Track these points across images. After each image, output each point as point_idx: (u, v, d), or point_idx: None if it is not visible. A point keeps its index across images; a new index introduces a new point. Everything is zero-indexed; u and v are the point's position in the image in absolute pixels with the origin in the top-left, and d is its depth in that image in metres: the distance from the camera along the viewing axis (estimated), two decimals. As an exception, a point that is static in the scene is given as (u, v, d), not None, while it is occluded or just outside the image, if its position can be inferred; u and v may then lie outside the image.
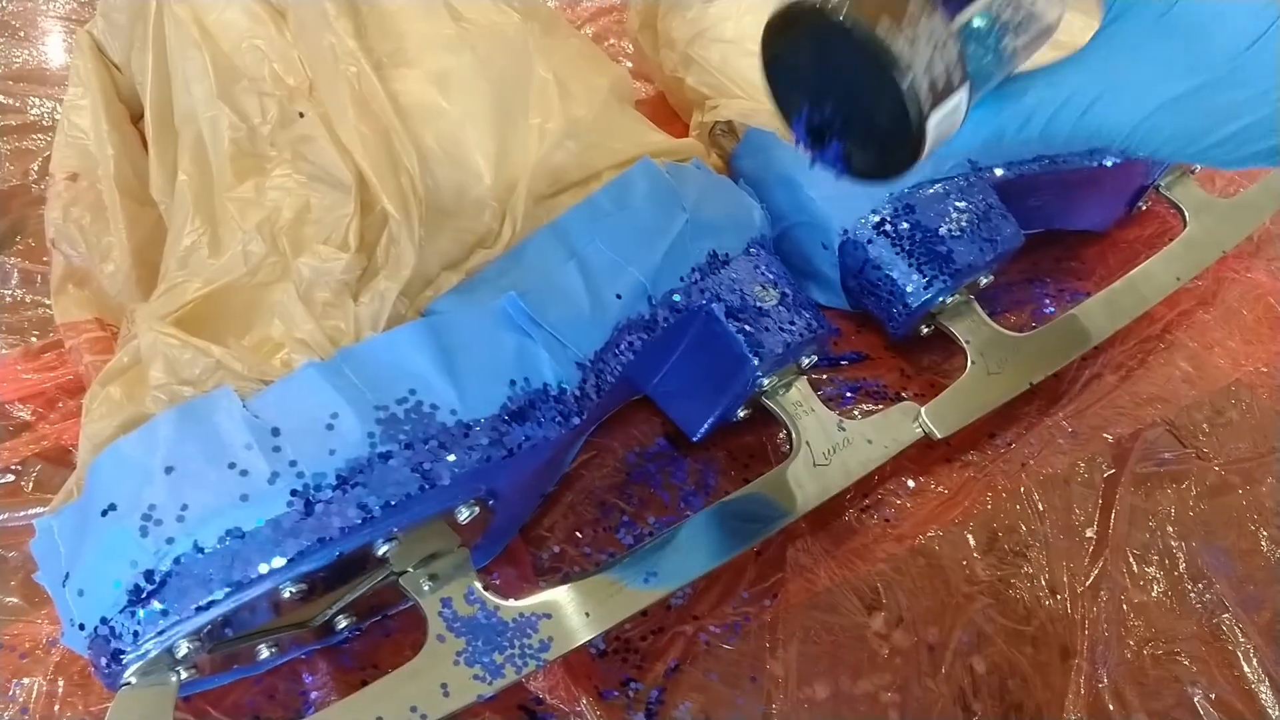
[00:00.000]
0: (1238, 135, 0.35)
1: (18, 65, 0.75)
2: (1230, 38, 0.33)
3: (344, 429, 0.45)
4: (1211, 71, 0.34)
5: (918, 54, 0.33)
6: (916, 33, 0.33)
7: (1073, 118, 0.36)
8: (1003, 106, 0.37)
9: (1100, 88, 0.35)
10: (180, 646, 0.43)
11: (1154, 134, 0.36)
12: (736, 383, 0.58)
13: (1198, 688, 0.56)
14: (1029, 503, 0.62)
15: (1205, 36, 0.33)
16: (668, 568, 0.52)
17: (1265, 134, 0.35)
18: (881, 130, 0.36)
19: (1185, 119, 0.35)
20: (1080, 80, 0.36)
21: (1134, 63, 0.35)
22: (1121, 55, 0.35)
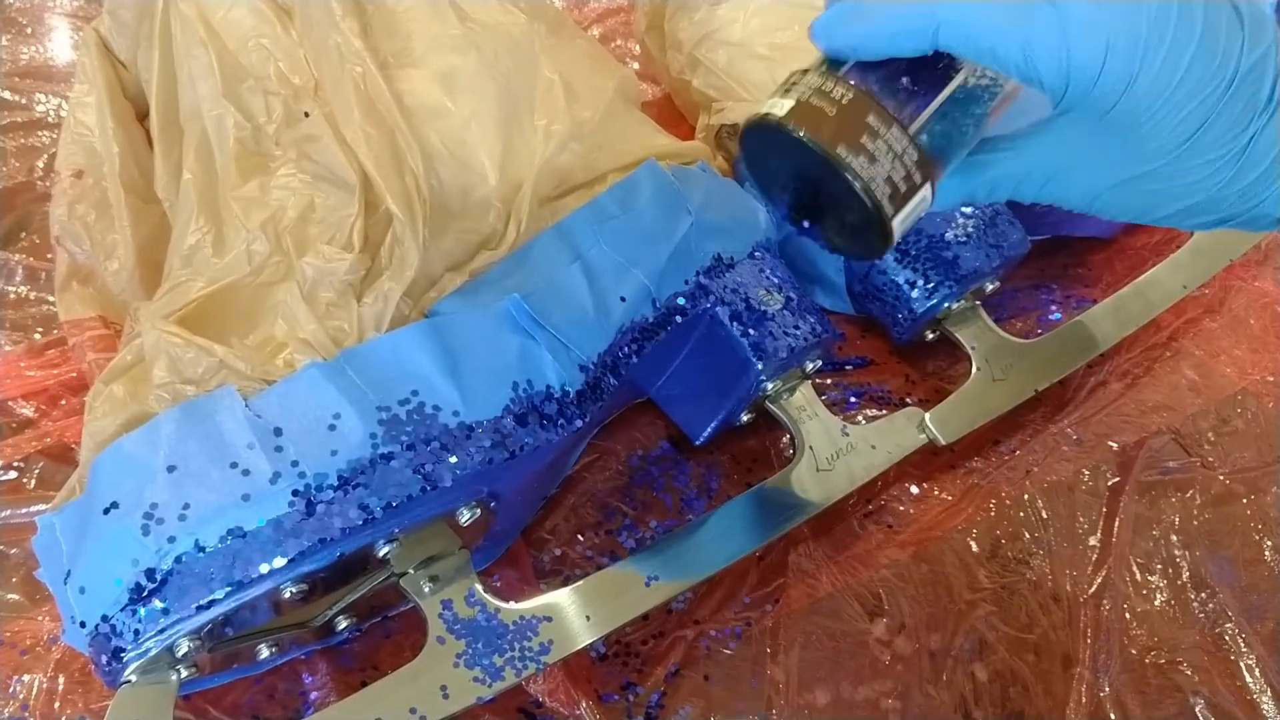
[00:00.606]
0: (1184, 211, 0.38)
1: (24, 62, 0.75)
2: (1167, 137, 0.36)
3: (346, 429, 0.45)
4: (1151, 164, 0.37)
5: (878, 167, 0.36)
6: (875, 148, 0.36)
7: (1034, 189, 0.40)
8: (971, 177, 0.40)
9: (1054, 167, 0.39)
10: (181, 645, 0.43)
11: (1109, 207, 0.39)
12: (740, 387, 0.58)
13: (1200, 697, 0.55)
14: (1033, 510, 0.62)
15: (1141, 138, 0.36)
16: (669, 572, 0.52)
17: (1209, 210, 0.38)
18: (852, 224, 0.38)
19: (1134, 198, 0.39)
20: (1038, 157, 0.39)
21: (1082, 151, 0.38)
22: (1071, 144, 0.38)
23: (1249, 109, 0.36)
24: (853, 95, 0.36)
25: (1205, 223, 0.39)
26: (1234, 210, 0.38)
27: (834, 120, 0.36)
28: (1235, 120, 0.36)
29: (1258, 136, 0.36)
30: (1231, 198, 0.38)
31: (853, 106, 0.36)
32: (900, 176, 0.36)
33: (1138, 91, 0.35)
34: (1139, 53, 0.35)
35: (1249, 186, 0.38)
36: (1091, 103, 0.36)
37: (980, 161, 0.40)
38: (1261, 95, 0.36)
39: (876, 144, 0.36)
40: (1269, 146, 0.37)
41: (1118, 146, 0.37)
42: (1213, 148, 0.37)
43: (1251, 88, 0.36)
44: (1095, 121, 0.37)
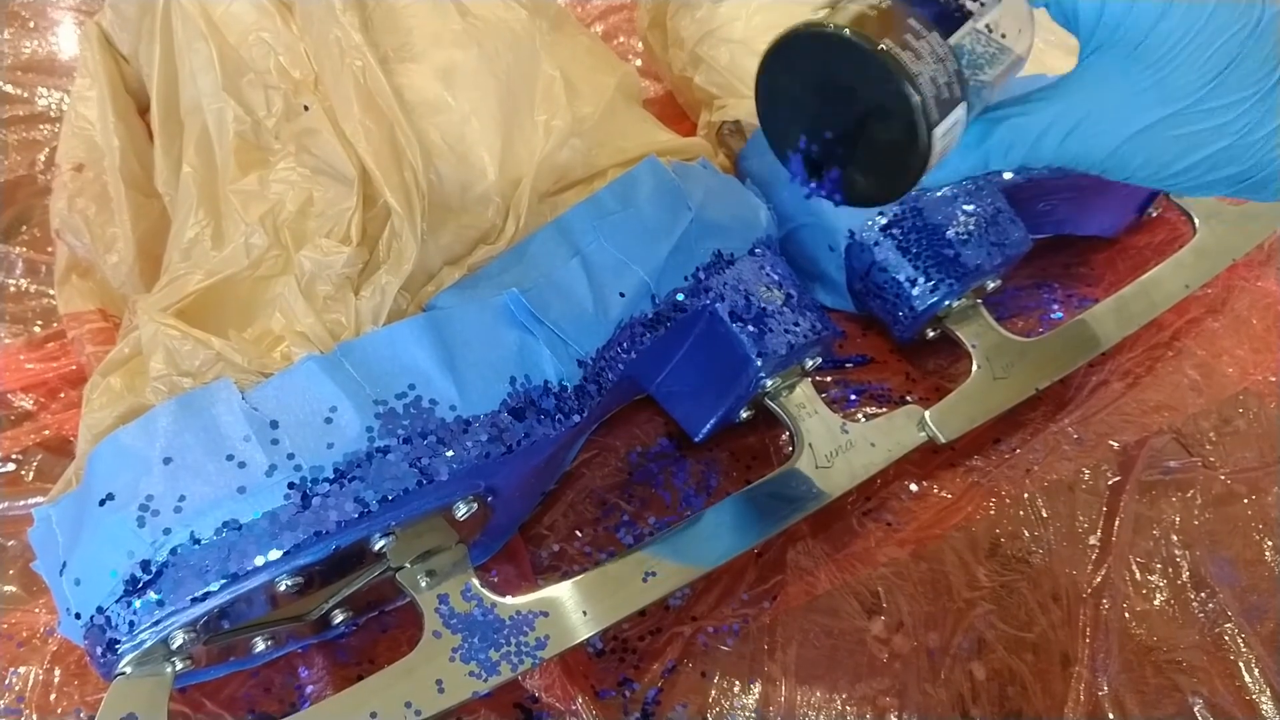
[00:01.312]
0: (1203, 162, 0.38)
1: (26, 56, 0.75)
2: (1196, 72, 0.36)
3: (342, 423, 0.45)
4: (1178, 103, 0.37)
5: (923, 67, 0.35)
6: (919, 48, 0.35)
7: (1053, 145, 0.40)
8: (987, 134, 0.40)
9: (1078, 117, 0.39)
10: (176, 637, 0.43)
11: (1128, 161, 0.39)
12: (739, 383, 0.57)
13: (1199, 697, 0.55)
14: (1032, 509, 0.62)
15: (1173, 70, 0.37)
16: (667, 568, 0.52)
17: (1228, 162, 0.38)
18: (884, 150, 0.37)
19: (1155, 147, 0.39)
20: (1059, 110, 0.39)
21: (1108, 93, 0.38)
22: (1098, 86, 0.38)
23: (1273, 54, 0.36)
24: (891, 4, 0.36)
25: (1222, 178, 0.39)
26: (1253, 162, 0.38)
27: (876, 20, 0.36)
28: (1263, 60, 0.36)
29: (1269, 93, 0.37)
30: (1253, 146, 0.38)
31: (893, 11, 0.36)
32: (943, 82, 0.36)
33: (1169, 24, 0.36)
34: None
35: (1272, 133, 0.37)
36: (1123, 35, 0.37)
37: (995, 118, 0.40)
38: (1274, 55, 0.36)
39: (920, 44, 0.35)
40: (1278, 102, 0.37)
41: (1146, 83, 0.37)
42: (1240, 88, 0.37)
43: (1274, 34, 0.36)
44: (1125, 58, 0.37)
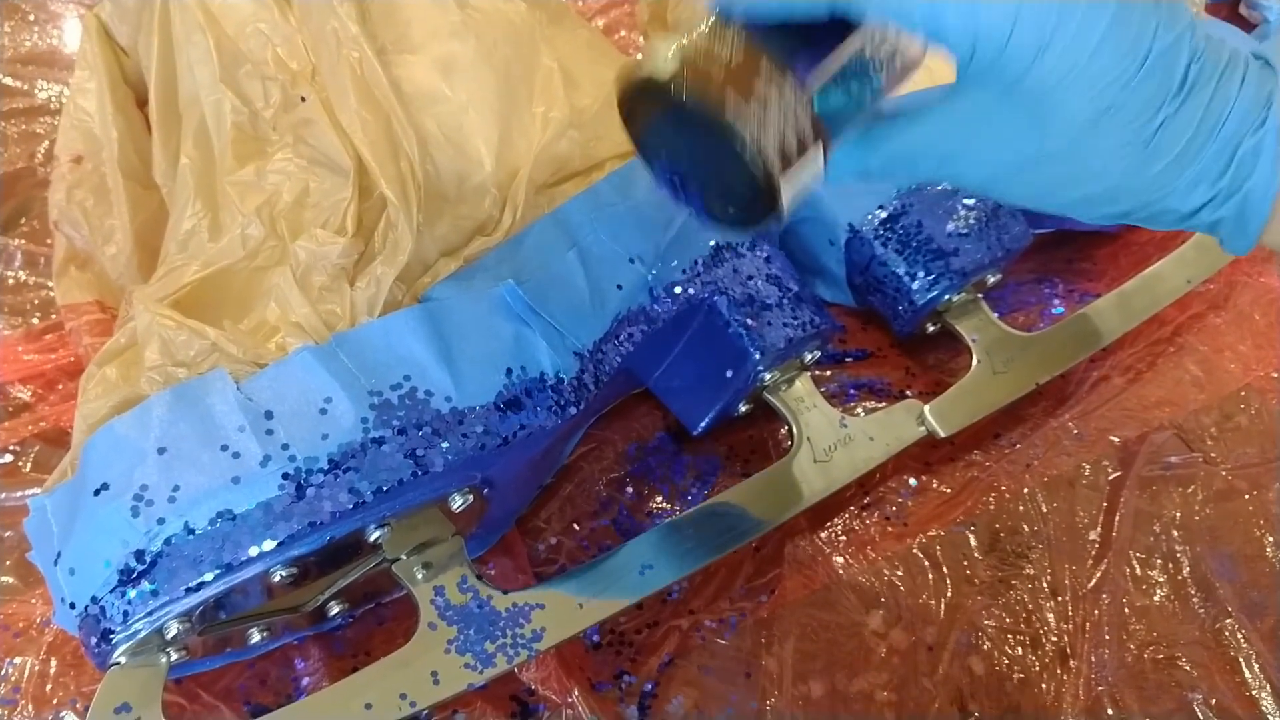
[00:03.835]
0: (1085, 199, 0.37)
1: (26, 48, 0.75)
2: (1074, 114, 0.35)
3: (337, 413, 0.45)
4: (1056, 143, 0.35)
5: (768, 124, 0.34)
6: (765, 108, 0.34)
7: (931, 167, 0.38)
8: (866, 150, 0.38)
9: (952, 145, 0.37)
10: (170, 627, 0.43)
11: (1007, 191, 0.38)
12: (738, 377, 0.57)
13: (1198, 693, 0.55)
14: (1032, 504, 0.62)
15: (1048, 114, 0.35)
16: (664, 561, 0.52)
17: (1109, 201, 0.37)
18: (737, 193, 0.36)
19: (1034, 180, 0.37)
20: (938, 134, 0.37)
21: (983, 125, 0.36)
22: (973, 117, 0.36)
23: (1160, 93, 0.35)
24: (742, 55, 0.34)
25: (1106, 214, 0.38)
26: (1137, 203, 0.37)
27: (720, 79, 0.34)
28: (1146, 104, 0.35)
29: (1167, 123, 0.35)
30: (1135, 188, 0.36)
31: (742, 66, 0.34)
32: (792, 140, 0.34)
33: (1047, 64, 0.34)
34: (1050, 21, 0.33)
35: (1155, 177, 0.36)
36: (998, 72, 0.35)
37: (877, 134, 0.38)
38: (1174, 80, 0.35)
39: (767, 104, 0.34)
40: (1178, 135, 0.35)
41: (1023, 122, 0.36)
42: (1120, 131, 0.35)
43: (1164, 71, 0.34)
44: (1001, 94, 0.35)
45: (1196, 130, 0.35)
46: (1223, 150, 0.35)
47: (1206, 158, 0.35)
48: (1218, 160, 0.35)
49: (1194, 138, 0.35)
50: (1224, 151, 0.35)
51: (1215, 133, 0.35)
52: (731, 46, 0.35)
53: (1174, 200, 0.36)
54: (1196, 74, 0.35)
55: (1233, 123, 0.35)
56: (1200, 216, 0.37)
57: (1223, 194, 0.36)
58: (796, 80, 0.34)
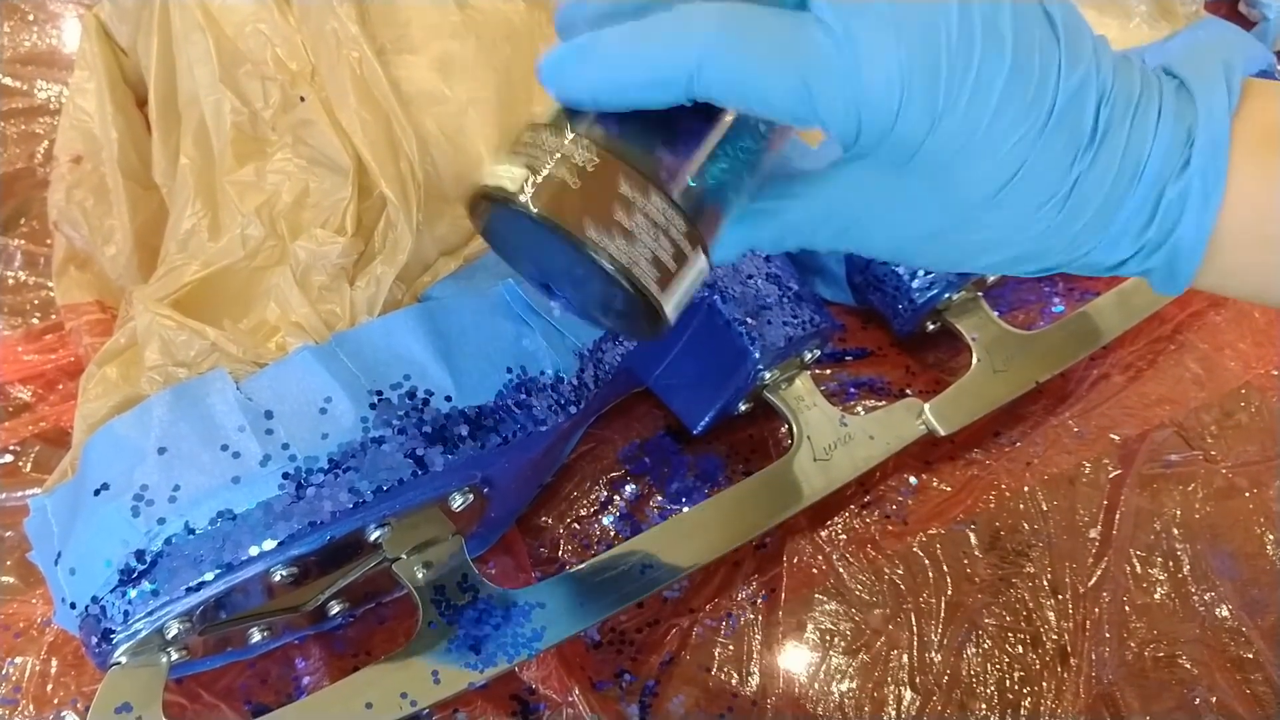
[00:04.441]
0: (1005, 262, 0.34)
1: (26, 48, 0.75)
2: (975, 187, 0.31)
3: (337, 413, 0.45)
4: (960, 214, 0.32)
5: (639, 246, 0.30)
6: (633, 223, 0.30)
7: (828, 239, 0.35)
8: (755, 227, 0.35)
9: (852, 216, 0.34)
10: (171, 627, 0.43)
11: (917, 258, 0.35)
12: (738, 376, 0.57)
13: (1199, 691, 0.55)
14: (1033, 502, 0.62)
15: (949, 186, 0.32)
16: (664, 560, 0.52)
17: (1030, 260, 0.34)
18: (614, 307, 0.33)
19: (944, 250, 0.34)
20: (831, 205, 0.34)
21: (878, 200, 0.33)
22: (867, 191, 0.33)
23: (1071, 145, 0.31)
24: (599, 159, 0.30)
25: (1031, 270, 0.35)
26: (1061, 259, 0.34)
27: (578, 193, 0.30)
28: (1056, 160, 0.31)
29: (1083, 177, 0.31)
30: (1057, 247, 0.33)
31: (600, 173, 0.30)
32: (667, 252, 0.31)
33: (942, 135, 0.30)
34: (941, 88, 0.29)
35: (1075, 235, 0.33)
36: (889, 149, 0.31)
37: (764, 209, 0.34)
38: (1084, 128, 0.31)
39: (634, 218, 0.30)
40: (1095, 188, 0.31)
41: (922, 196, 0.32)
42: (1032, 194, 0.31)
43: (1073, 120, 0.31)
44: (895, 167, 0.31)
45: (1115, 181, 0.32)
46: (1145, 200, 0.32)
47: (1129, 210, 0.32)
48: (1141, 212, 0.32)
49: (1113, 189, 0.32)
50: (1147, 201, 0.32)
51: (1135, 181, 0.32)
52: (585, 148, 0.30)
53: (1098, 255, 0.33)
54: (1108, 116, 0.31)
55: (1153, 167, 0.31)
56: (1128, 267, 0.34)
57: (1149, 245, 0.33)
58: (663, 188, 0.30)
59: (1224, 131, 0.31)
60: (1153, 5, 0.72)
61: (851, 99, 0.29)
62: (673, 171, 0.31)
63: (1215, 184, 0.31)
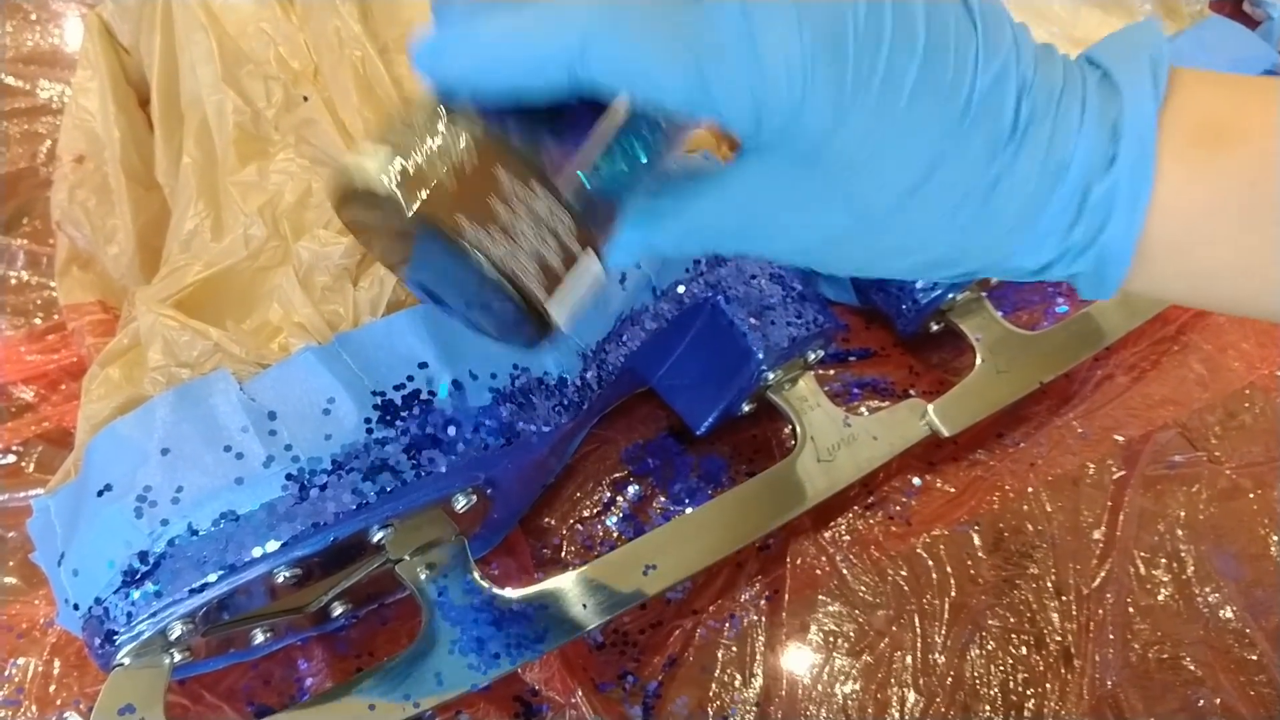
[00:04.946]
0: (921, 265, 0.32)
1: (28, 48, 0.75)
2: (885, 188, 0.29)
3: (340, 414, 0.44)
4: (871, 216, 0.30)
5: (519, 243, 0.28)
6: (512, 220, 0.28)
7: (730, 243, 0.32)
8: (654, 228, 0.32)
9: (756, 217, 0.31)
10: (174, 628, 0.43)
11: (825, 264, 0.33)
12: (741, 376, 0.57)
13: (1203, 692, 0.55)
14: (1036, 503, 0.62)
15: (857, 185, 0.29)
16: (668, 561, 0.52)
17: (951, 264, 0.32)
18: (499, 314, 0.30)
19: (854, 254, 0.32)
20: (731, 208, 0.31)
21: (784, 199, 0.30)
22: (770, 191, 0.30)
23: (990, 141, 0.29)
24: (477, 151, 0.28)
25: (949, 276, 0.33)
26: (982, 263, 0.32)
27: (454, 190, 0.27)
28: (974, 156, 0.29)
29: (1003, 175, 0.29)
30: (976, 251, 0.31)
31: (479, 168, 0.27)
32: (554, 253, 0.28)
33: (849, 128, 0.28)
34: (848, 77, 0.27)
35: (996, 237, 0.30)
36: (792, 144, 0.28)
37: (664, 209, 0.32)
38: (1004, 122, 0.29)
39: (516, 217, 0.28)
40: (1017, 187, 0.29)
41: (830, 195, 0.30)
42: (948, 193, 0.29)
43: (992, 113, 0.29)
44: (799, 164, 0.29)
45: (1038, 179, 0.29)
46: (1070, 199, 0.30)
47: (1053, 210, 0.30)
48: (1065, 212, 0.30)
49: (1036, 188, 0.30)
50: (1072, 201, 0.30)
51: (1060, 179, 0.30)
52: (463, 143, 0.28)
53: (1021, 259, 0.31)
54: (1030, 109, 0.29)
55: (1079, 164, 0.29)
56: (1053, 271, 0.32)
57: (1076, 248, 0.31)
58: (547, 181, 0.28)
59: (1150, 126, 0.29)
60: (1157, 5, 0.72)
61: (750, 88, 0.27)
62: (560, 167, 0.29)
63: (1142, 182, 0.29)
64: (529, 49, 0.27)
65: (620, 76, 0.27)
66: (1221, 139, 0.29)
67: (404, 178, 0.28)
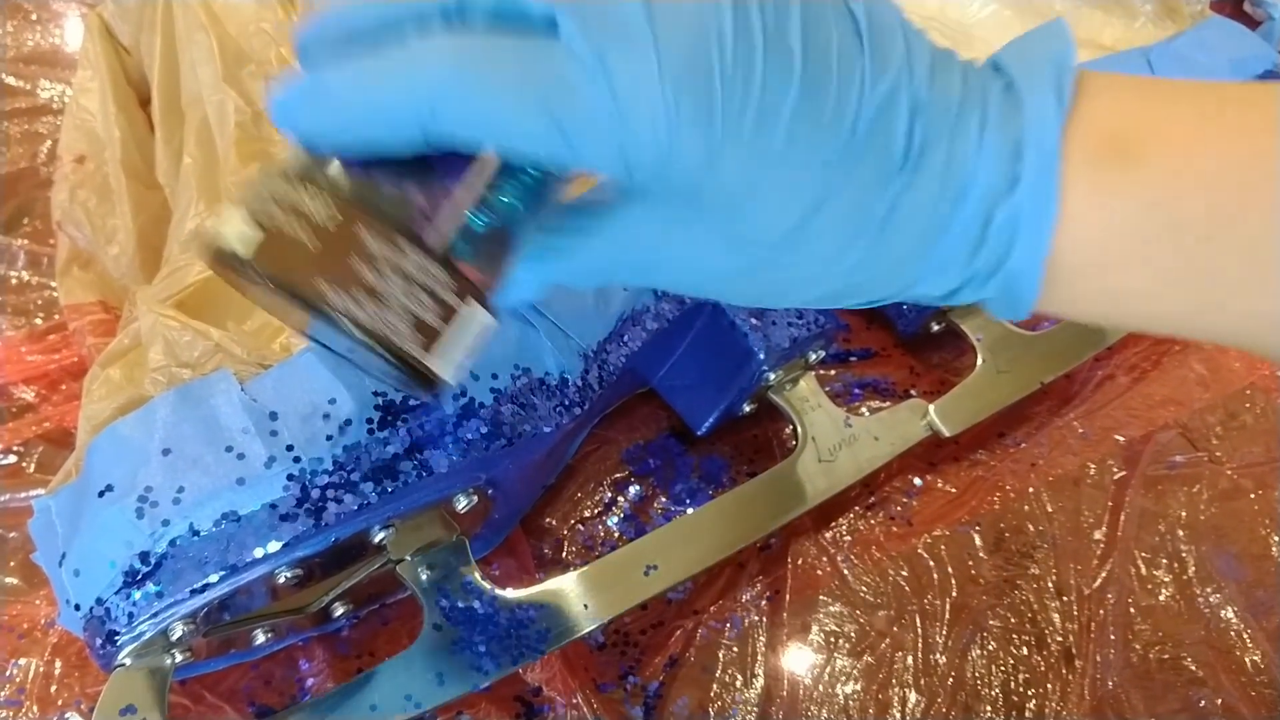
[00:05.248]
0: (818, 299, 0.30)
1: (29, 48, 0.75)
2: (770, 224, 0.27)
3: (342, 415, 0.44)
4: (760, 253, 0.28)
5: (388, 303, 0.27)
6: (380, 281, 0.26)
7: (631, 277, 0.31)
8: (553, 262, 0.30)
9: (648, 255, 0.30)
10: (175, 629, 0.43)
11: (727, 296, 0.31)
12: (742, 377, 0.57)
13: (1203, 692, 0.55)
14: (1037, 503, 0.62)
15: (743, 223, 0.28)
16: (669, 561, 0.52)
17: (844, 297, 0.30)
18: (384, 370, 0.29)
19: (752, 288, 0.30)
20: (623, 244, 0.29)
21: (675, 237, 0.29)
22: (661, 229, 0.29)
23: (881, 170, 0.27)
24: (340, 211, 0.26)
25: (856, 304, 0.31)
26: (886, 293, 0.30)
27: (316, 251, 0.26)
28: (864, 189, 0.27)
29: (897, 203, 0.27)
30: (877, 281, 0.29)
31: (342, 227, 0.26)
32: (430, 310, 0.27)
33: (724, 170, 0.26)
34: (717, 117, 0.25)
35: (895, 266, 0.29)
36: (667, 187, 0.27)
37: (558, 247, 0.30)
38: (895, 148, 0.27)
39: (384, 276, 0.26)
40: (913, 215, 0.28)
41: (713, 236, 0.28)
42: (839, 226, 0.27)
43: (882, 139, 0.27)
44: (678, 208, 0.28)
45: (936, 205, 0.28)
46: (972, 224, 0.28)
47: (953, 237, 0.28)
48: (967, 238, 0.28)
49: (934, 215, 0.28)
50: (973, 225, 0.28)
51: (959, 204, 0.28)
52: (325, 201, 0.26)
53: (925, 287, 0.30)
54: (924, 131, 0.27)
55: (979, 188, 0.28)
56: (961, 296, 0.30)
57: (981, 275, 0.29)
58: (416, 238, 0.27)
59: (1054, 144, 0.27)
60: (1158, 5, 0.72)
61: (613, 137, 0.25)
62: (431, 220, 0.27)
63: (1046, 206, 0.27)
64: (378, 104, 0.26)
65: (475, 130, 0.26)
66: (1128, 155, 0.28)
67: (262, 241, 0.26)
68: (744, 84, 0.25)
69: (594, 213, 0.29)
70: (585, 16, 0.25)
